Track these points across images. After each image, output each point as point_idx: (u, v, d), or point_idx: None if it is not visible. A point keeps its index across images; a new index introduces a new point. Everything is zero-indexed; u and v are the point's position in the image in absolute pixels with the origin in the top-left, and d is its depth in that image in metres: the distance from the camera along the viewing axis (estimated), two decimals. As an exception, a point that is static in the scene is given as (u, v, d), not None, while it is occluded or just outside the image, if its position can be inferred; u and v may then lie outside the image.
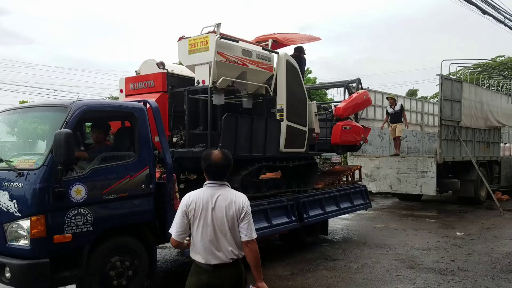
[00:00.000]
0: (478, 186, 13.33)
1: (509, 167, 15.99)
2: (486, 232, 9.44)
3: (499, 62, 25.68)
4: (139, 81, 6.96)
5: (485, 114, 14.04)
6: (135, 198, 4.96)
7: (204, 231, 2.95)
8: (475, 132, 13.74)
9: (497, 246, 8.05)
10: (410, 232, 9.47)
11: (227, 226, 2.95)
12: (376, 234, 9.33)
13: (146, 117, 5.19)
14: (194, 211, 2.96)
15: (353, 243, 8.41)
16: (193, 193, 3.05)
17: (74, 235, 4.37)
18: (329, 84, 10.48)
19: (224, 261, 2.93)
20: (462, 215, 11.87)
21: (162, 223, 5.24)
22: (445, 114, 12.05)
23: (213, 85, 6.29)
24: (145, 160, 5.06)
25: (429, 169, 11.77)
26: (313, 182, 8.47)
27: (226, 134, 6.32)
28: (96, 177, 4.63)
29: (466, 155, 12.88)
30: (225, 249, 2.94)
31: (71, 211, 4.37)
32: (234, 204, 2.97)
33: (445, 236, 8.94)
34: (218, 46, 6.25)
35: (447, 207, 13.28)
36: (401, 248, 7.91)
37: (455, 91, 12.41)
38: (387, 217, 11.56)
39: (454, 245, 8.16)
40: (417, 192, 12.25)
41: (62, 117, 4.50)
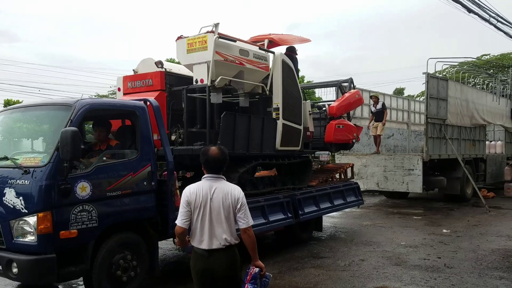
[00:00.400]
0: (464, 184, 13.48)
1: (495, 164, 16.20)
2: (472, 229, 9.53)
3: (485, 60, 26.03)
4: (137, 80, 7.03)
5: (471, 112, 14.18)
6: (137, 195, 5.06)
7: (202, 220, 3.29)
8: (461, 130, 13.87)
9: (483, 243, 8.14)
10: (396, 229, 9.52)
11: (223, 215, 3.29)
12: (363, 231, 9.40)
13: (147, 116, 5.29)
14: (195, 201, 3.29)
15: (341, 241, 8.44)
16: (194, 185, 3.38)
17: (79, 231, 4.46)
18: (322, 84, 10.65)
19: (218, 247, 3.27)
20: (448, 212, 11.98)
21: (163, 219, 5.35)
22: (431, 112, 12.15)
23: (212, 84, 6.40)
24: (147, 157, 5.16)
25: (415, 167, 11.88)
26: (307, 179, 8.63)
27: (224, 132, 6.44)
28: (100, 174, 4.72)
29: (452, 153, 13.01)
30: (220, 236, 3.27)
31: (76, 208, 4.46)
32: (230, 195, 3.31)
33: (432, 234, 9.01)
34: (216, 45, 6.36)
35: (434, 205, 13.40)
36: (388, 245, 7.96)
37: (441, 89, 12.53)
38: (374, 214, 11.64)
39: (440, 242, 8.22)
40: (403, 189, 12.37)
41: (66, 116, 4.58)
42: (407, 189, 12.30)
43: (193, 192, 3.32)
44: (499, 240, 8.38)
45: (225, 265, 3.28)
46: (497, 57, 27.03)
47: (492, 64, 23.65)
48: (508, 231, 9.24)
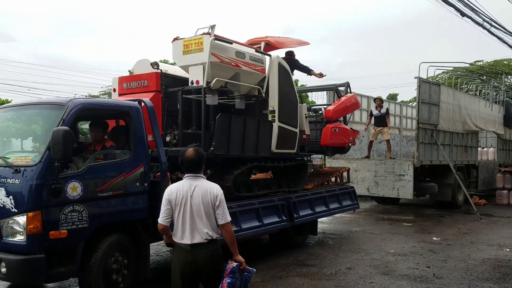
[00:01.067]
0: (456, 190, 13.27)
1: (487, 171, 15.98)
2: (463, 237, 9.32)
3: (478, 66, 25.91)
4: (132, 81, 7.01)
5: (463, 118, 14.01)
6: (129, 196, 5.03)
7: (184, 216, 3.49)
8: (453, 136, 13.66)
9: (474, 252, 7.93)
10: (386, 236, 9.33)
11: (203, 211, 3.48)
12: (352, 238, 9.22)
13: (141, 116, 5.27)
14: (175, 199, 3.51)
15: (328, 248, 8.21)
16: (174, 184, 3.62)
17: (69, 231, 4.43)
18: (319, 87, 10.62)
19: (200, 241, 3.46)
20: (439, 219, 11.79)
21: (155, 221, 5.27)
22: (422, 117, 11.96)
23: (207, 85, 6.38)
24: (140, 158, 5.14)
25: (406, 173, 11.67)
26: (303, 182, 8.61)
27: (219, 134, 6.42)
28: (92, 174, 4.69)
29: (443, 159, 12.79)
30: (201, 231, 3.46)
31: (67, 208, 4.43)
32: (209, 193, 3.51)
33: (422, 241, 8.82)
34: (213, 47, 6.34)
35: (424, 211, 13.20)
36: (376, 253, 7.76)
37: (433, 94, 12.35)
38: (364, 220, 11.47)
39: (430, 250, 8.02)
40: (394, 195, 12.17)
41: (58, 115, 4.56)
42: (398, 195, 12.11)
43: (173, 190, 3.54)
44: (490, 249, 8.19)
45: (208, 258, 3.46)
46: (490, 63, 26.90)
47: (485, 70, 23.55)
48: (499, 240, 9.07)
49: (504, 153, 17.52)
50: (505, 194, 14.98)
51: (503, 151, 17.48)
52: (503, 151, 17.48)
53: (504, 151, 17.53)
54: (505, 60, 29.33)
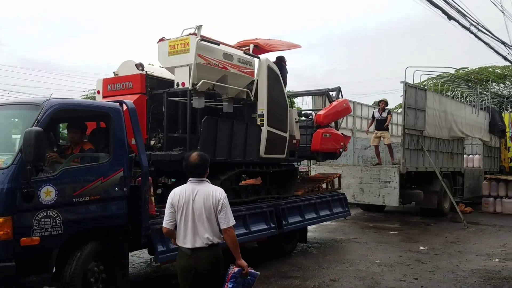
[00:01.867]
0: (442, 198, 13.02)
1: (472, 178, 15.76)
2: (451, 246, 9.05)
3: (464, 72, 25.85)
4: (117, 82, 6.83)
5: (449, 124, 13.79)
6: (107, 201, 4.80)
7: (185, 220, 3.52)
8: (439, 142, 13.41)
9: (462, 262, 7.65)
10: (372, 245, 9.03)
11: (204, 216, 3.50)
12: (337, 247, 8.92)
13: (122, 118, 5.05)
14: (178, 203, 3.55)
15: (312, 258, 7.85)
16: (178, 188, 3.64)
17: (42, 238, 4.19)
18: (310, 92, 10.46)
19: (201, 245, 3.48)
20: (425, 227, 11.53)
21: (136, 227, 5.09)
22: (408, 123, 11.68)
23: (193, 87, 6.20)
24: (120, 162, 4.91)
25: (392, 179, 11.39)
26: (293, 188, 8.42)
27: (205, 137, 6.22)
28: (67, 178, 4.46)
29: (429, 166, 12.51)
30: (201, 235, 3.48)
31: (40, 213, 4.19)
32: (211, 197, 3.53)
33: (408, 251, 8.53)
34: (199, 48, 6.17)
35: (410, 219, 12.91)
36: (362, 263, 7.44)
37: (419, 99, 12.10)
38: (349, 229, 11.15)
39: (417, 260, 7.72)
40: (379, 203, 11.87)
41: (34, 116, 4.34)
42: (383, 202, 11.79)
43: (176, 194, 3.59)
44: (478, 259, 7.91)
45: (208, 263, 3.47)
46: (475, 70, 26.89)
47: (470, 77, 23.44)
48: (488, 249, 8.82)
49: (489, 160, 17.34)
50: (491, 201, 14.80)
51: (489, 158, 17.28)
52: (489, 158, 17.28)
53: (489, 158, 17.35)
54: (489, 67, 29.30)
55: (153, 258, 5.32)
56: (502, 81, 30.40)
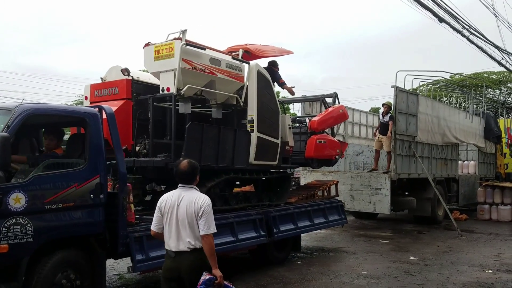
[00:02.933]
0: (436, 205, 12.62)
1: (467, 185, 15.38)
2: (442, 256, 8.64)
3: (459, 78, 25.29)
4: (103, 88, 6.76)
5: (442, 130, 13.41)
6: (82, 209, 4.68)
7: (170, 224, 3.67)
8: (432, 148, 13.02)
9: (453, 273, 7.25)
10: (360, 255, 8.63)
11: (186, 221, 3.61)
12: (323, 257, 8.48)
13: (99, 123, 4.95)
14: (164, 207, 3.71)
15: (295, 269, 7.39)
16: (167, 193, 3.80)
17: (11, 246, 4.09)
18: (306, 98, 10.30)
19: (183, 249, 3.59)
20: (417, 236, 11.11)
21: (113, 235, 4.97)
22: (399, 128, 11.31)
23: (178, 92, 6.09)
24: (96, 168, 4.80)
25: (383, 186, 10.95)
26: (286, 196, 8.25)
27: (190, 143, 6.10)
28: (39, 185, 4.36)
29: (422, 172, 12.12)
30: (184, 239, 3.60)
31: (8, 220, 4.10)
32: (194, 204, 3.62)
33: (397, 261, 8.11)
34: (184, 52, 6.07)
35: (403, 227, 12.51)
36: (347, 275, 7.05)
37: (410, 104, 11.76)
38: (339, 237, 10.72)
39: (406, 272, 7.31)
40: (370, 210, 11.40)
41: (5, 121, 4.26)
42: (374, 210, 11.33)
43: (164, 199, 3.76)
44: (471, 270, 7.50)
45: (189, 267, 3.56)
46: (470, 75, 26.40)
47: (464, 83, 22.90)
48: (481, 259, 8.38)
49: (485, 166, 16.98)
50: (486, 209, 14.43)
51: (484, 164, 16.92)
52: (484, 164, 16.92)
53: (485, 164, 16.98)
54: (485, 72, 28.76)
55: (130, 267, 5.16)
56: (497, 87, 29.96)
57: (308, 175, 12.08)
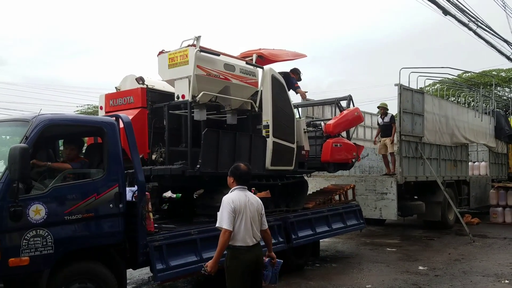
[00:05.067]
0: (446, 209, 12.04)
1: (479, 187, 14.73)
2: (454, 265, 8.11)
3: (467, 76, 24.69)
4: (118, 97, 6.77)
5: (451, 130, 12.83)
6: (101, 219, 4.65)
7: (246, 222, 4.07)
8: (440, 149, 12.43)
9: (466, 285, 6.76)
10: (365, 266, 8.13)
11: (256, 217, 4.19)
12: (325, 269, 7.95)
13: (116, 133, 4.92)
14: (239, 207, 4.05)
15: (293, 284, 6.89)
16: (232, 195, 4.15)
17: (32, 258, 4.06)
18: (319, 102, 10.21)
19: (255, 242, 4.14)
20: (427, 242, 10.59)
21: (133, 245, 4.91)
22: (405, 129, 10.76)
23: (193, 99, 6.06)
24: (114, 178, 4.77)
25: (389, 190, 10.40)
26: (303, 201, 8.15)
27: (206, 150, 6.05)
28: (58, 195, 4.33)
29: (430, 175, 11.59)
30: (256, 233, 4.16)
31: (29, 233, 4.07)
32: (258, 203, 4.26)
33: (405, 272, 7.60)
34: (198, 59, 6.04)
35: (412, 233, 11.97)
36: None
37: (416, 103, 11.20)
38: (344, 245, 10.23)
39: (414, 284, 6.82)
40: (376, 216, 10.73)
41: (23, 132, 4.25)
42: (381, 216, 10.72)
43: (235, 200, 4.08)
44: (485, 281, 6.97)
45: (262, 254, 4.24)
46: (477, 74, 25.97)
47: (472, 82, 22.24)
48: (496, 268, 7.84)
49: (496, 167, 16.39)
50: (499, 211, 13.82)
51: (496, 165, 16.33)
52: (496, 165, 16.33)
53: (496, 165, 16.39)
54: (493, 70, 27.98)
55: (151, 276, 5.11)
56: (507, 84, 29.19)
57: (310, 180, 11.06)
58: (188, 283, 7.16)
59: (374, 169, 14.20)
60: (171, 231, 5.59)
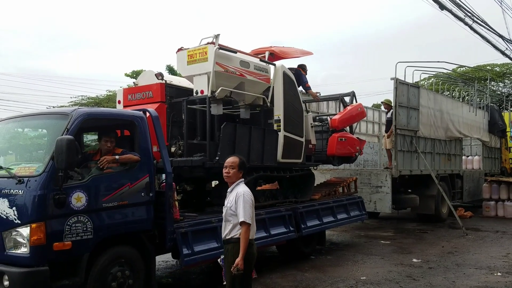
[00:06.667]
0: (439, 202, 12.19)
1: (472, 181, 14.91)
2: (447, 257, 8.21)
3: (462, 71, 24.75)
4: (137, 92, 7.00)
5: (446, 124, 12.97)
6: (134, 207, 4.94)
7: (254, 215, 4.12)
8: (435, 143, 12.60)
9: (460, 277, 6.80)
10: (359, 258, 8.21)
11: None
12: (320, 261, 8.01)
13: (146, 126, 5.21)
14: (253, 201, 4.12)
15: (289, 275, 6.95)
16: (247, 188, 4.18)
17: (73, 242, 4.34)
18: (324, 98, 10.54)
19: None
20: (421, 235, 10.72)
21: (161, 232, 5.22)
22: (400, 123, 10.88)
23: (212, 95, 6.34)
24: (145, 168, 5.06)
25: (383, 184, 10.55)
26: (310, 192, 8.51)
27: (224, 143, 6.36)
28: (97, 184, 4.62)
29: (424, 168, 11.75)
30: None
31: (71, 219, 4.35)
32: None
33: (399, 264, 7.68)
34: (217, 56, 6.33)
35: (405, 226, 12.11)
36: (345, 280, 6.64)
37: (411, 97, 11.32)
38: (339, 238, 10.41)
39: (408, 276, 6.87)
40: (371, 209, 10.78)
41: (62, 125, 4.51)
42: (375, 209, 10.90)
43: (251, 193, 4.14)
44: (478, 273, 7.07)
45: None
46: (472, 68, 26.37)
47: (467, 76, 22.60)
48: (489, 260, 7.96)
49: (490, 161, 16.65)
50: (492, 205, 14.06)
51: (489, 159, 16.59)
52: (489, 159, 16.59)
53: (489, 159, 16.65)
54: (488, 65, 28.22)
55: (178, 261, 5.41)
56: (501, 79, 29.43)
57: None
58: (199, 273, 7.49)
59: (368, 163, 14.37)
60: (194, 219, 5.90)
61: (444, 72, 15.36)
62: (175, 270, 7.40)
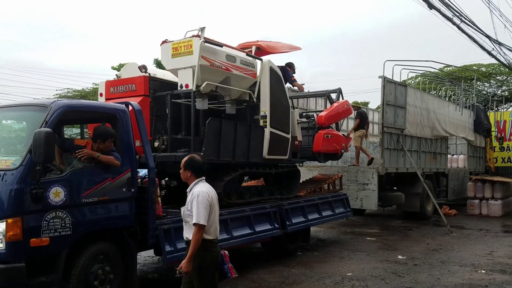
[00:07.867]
0: (424, 200, 12.32)
1: (457, 180, 15.14)
2: (432, 255, 8.27)
3: (449, 70, 24.87)
4: (120, 85, 6.83)
5: (432, 123, 13.10)
6: (115, 202, 4.82)
7: (215, 215, 3.94)
8: (421, 141, 12.72)
9: (444, 274, 6.85)
10: (345, 254, 8.22)
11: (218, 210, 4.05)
12: (306, 257, 8.00)
13: (128, 119, 5.08)
14: (213, 200, 3.89)
15: (276, 271, 6.91)
16: (206, 187, 3.93)
17: (51, 239, 4.21)
18: (311, 94, 10.50)
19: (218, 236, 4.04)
20: (406, 232, 10.80)
21: (143, 228, 5.10)
22: (387, 121, 10.94)
23: (197, 89, 6.23)
24: (127, 163, 4.93)
25: (370, 181, 10.63)
26: (295, 189, 8.46)
27: (209, 138, 6.25)
28: (76, 179, 4.49)
29: (410, 166, 11.82)
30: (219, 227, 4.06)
31: (49, 214, 4.22)
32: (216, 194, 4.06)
33: (385, 261, 7.71)
34: (202, 50, 6.21)
35: (391, 223, 12.18)
36: (331, 277, 6.62)
37: (399, 95, 11.39)
38: (325, 234, 10.46)
39: (394, 273, 6.88)
40: (357, 206, 10.86)
41: (41, 117, 4.37)
42: (361, 206, 10.95)
43: (210, 193, 3.89)
44: (463, 271, 7.10)
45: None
46: (459, 68, 26.70)
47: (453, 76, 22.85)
48: (473, 258, 8.03)
49: (474, 160, 16.86)
50: (476, 203, 14.22)
51: (474, 158, 16.83)
52: (474, 158, 16.83)
53: (474, 158, 16.87)
54: (474, 65, 28.47)
55: (160, 258, 5.30)
56: (487, 79, 29.70)
57: None
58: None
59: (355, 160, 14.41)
60: (177, 215, 5.77)
61: (432, 71, 15.48)
62: (161, 265, 7.29)
